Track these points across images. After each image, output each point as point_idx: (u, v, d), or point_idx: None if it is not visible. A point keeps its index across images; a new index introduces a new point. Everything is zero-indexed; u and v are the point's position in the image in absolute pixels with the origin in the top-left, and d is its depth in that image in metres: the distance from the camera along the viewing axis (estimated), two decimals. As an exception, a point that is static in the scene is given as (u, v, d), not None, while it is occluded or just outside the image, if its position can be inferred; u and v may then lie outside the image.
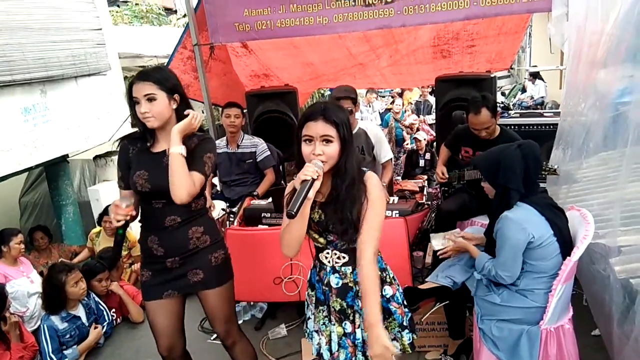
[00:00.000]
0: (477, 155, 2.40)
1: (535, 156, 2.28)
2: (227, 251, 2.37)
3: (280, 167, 4.53)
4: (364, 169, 1.80)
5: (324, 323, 1.93)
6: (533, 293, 2.22)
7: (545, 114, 4.15)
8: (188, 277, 2.22)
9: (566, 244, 2.21)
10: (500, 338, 2.25)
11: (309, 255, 3.16)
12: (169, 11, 12.92)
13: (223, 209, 3.80)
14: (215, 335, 3.56)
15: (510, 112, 4.78)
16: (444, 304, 2.75)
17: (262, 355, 3.19)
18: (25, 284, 3.81)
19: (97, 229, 4.62)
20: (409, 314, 1.94)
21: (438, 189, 4.62)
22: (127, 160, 2.20)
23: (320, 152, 1.65)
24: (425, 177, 5.78)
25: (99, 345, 3.51)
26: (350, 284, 1.84)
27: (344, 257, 1.83)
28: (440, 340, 2.99)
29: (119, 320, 3.78)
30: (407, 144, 7.87)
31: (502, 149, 2.30)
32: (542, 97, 10.52)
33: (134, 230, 4.07)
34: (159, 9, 12.06)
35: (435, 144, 6.01)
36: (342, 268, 1.84)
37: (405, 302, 1.94)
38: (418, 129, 7.71)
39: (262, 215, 3.40)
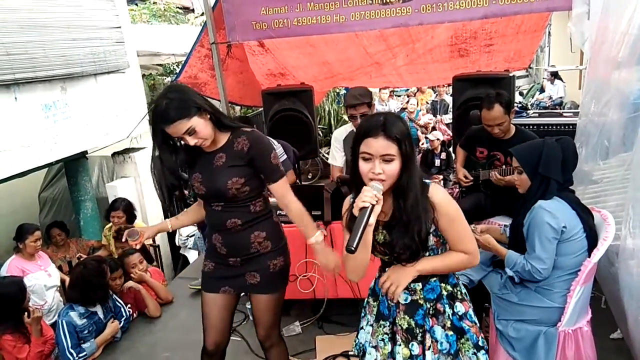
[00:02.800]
0: (516, 147, 2.40)
1: (574, 150, 2.31)
2: (288, 258, 2.34)
3: (296, 165, 4.54)
4: (426, 181, 1.67)
5: (382, 339, 1.78)
6: (552, 292, 2.20)
7: (564, 114, 4.10)
8: (245, 278, 2.24)
9: (593, 243, 2.19)
10: (517, 339, 2.23)
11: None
12: (187, 10, 13.00)
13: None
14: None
15: (528, 111, 4.72)
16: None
17: (276, 352, 3.20)
18: (43, 278, 3.88)
19: (110, 224, 4.70)
20: (482, 334, 1.79)
21: (455, 189, 4.60)
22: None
23: (380, 171, 1.53)
24: (441, 176, 5.75)
25: (116, 339, 3.55)
26: (420, 301, 1.73)
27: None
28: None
29: (135, 315, 3.83)
30: (422, 144, 7.84)
31: (543, 140, 2.31)
32: (561, 97, 10.38)
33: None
34: (177, 7, 12.15)
35: (452, 143, 5.97)
36: (412, 284, 1.71)
37: (476, 321, 1.79)
38: (434, 128, 7.67)
39: (278, 212, 3.40)
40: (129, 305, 3.77)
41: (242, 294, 2.39)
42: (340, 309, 3.36)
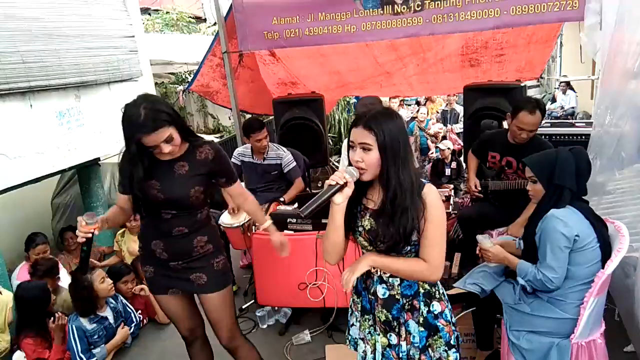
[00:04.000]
0: (528, 157, 2.40)
1: (587, 160, 2.29)
2: (225, 256, 2.42)
3: (306, 173, 4.55)
4: (423, 180, 1.71)
5: (369, 332, 1.89)
6: (564, 303, 2.18)
7: (576, 124, 4.08)
8: (191, 280, 2.28)
9: (607, 254, 2.17)
10: (529, 350, 2.21)
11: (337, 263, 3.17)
12: (199, 20, 13.15)
13: (249, 214, 3.85)
14: None
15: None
16: (471, 310, 2.72)
17: (285, 360, 3.20)
18: (55, 283, 3.91)
19: (122, 229, 4.71)
20: (457, 334, 1.85)
21: (466, 199, 4.57)
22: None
23: (358, 158, 1.62)
24: (452, 186, 5.71)
25: (127, 345, 3.56)
26: (397, 296, 1.79)
27: None
28: (467, 352, 2.94)
29: (145, 321, 3.84)
30: (432, 153, 7.81)
31: (557, 150, 2.31)
32: (573, 108, 10.32)
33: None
34: (190, 17, 12.29)
35: (462, 152, 5.95)
36: (390, 279, 1.79)
37: (454, 321, 1.84)
38: (444, 137, 7.65)
39: (288, 220, 3.42)
40: (140, 311, 3.79)
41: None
42: (350, 318, 3.35)
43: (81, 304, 3.36)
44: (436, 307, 1.80)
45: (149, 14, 11.85)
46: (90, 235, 2.01)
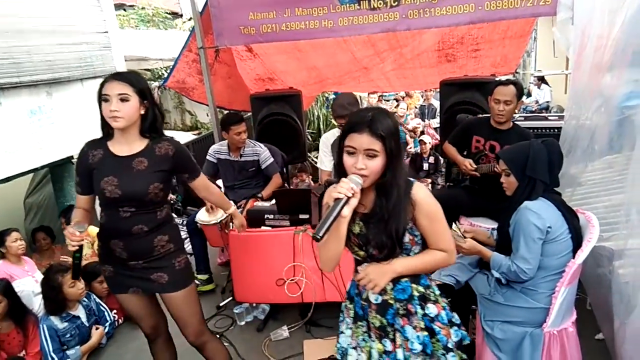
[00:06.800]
0: (502, 150, 2.46)
1: (559, 152, 2.33)
2: (187, 255, 2.40)
3: (284, 169, 4.53)
4: (411, 179, 1.68)
5: (364, 339, 1.82)
6: (537, 293, 2.21)
7: (549, 118, 4.14)
8: (152, 279, 2.24)
9: (578, 244, 2.21)
10: (503, 340, 2.24)
11: (312, 257, 3.17)
12: (175, 15, 12.99)
13: (226, 211, 3.81)
14: None
15: (514, 115, 4.76)
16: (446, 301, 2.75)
17: (264, 356, 3.18)
18: (31, 284, 3.81)
19: (96, 229, 4.63)
20: (459, 334, 1.80)
21: (444, 187, 4.61)
22: (87, 166, 2.16)
23: (362, 166, 1.54)
24: (429, 180, 5.77)
25: (102, 345, 3.51)
26: (390, 301, 1.74)
27: None
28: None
29: (120, 320, 3.78)
30: (410, 148, 7.88)
31: (529, 143, 2.34)
32: (548, 102, 10.50)
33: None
34: (165, 12, 12.13)
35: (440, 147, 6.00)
36: None
37: (453, 321, 1.81)
38: (422, 133, 7.71)
39: (265, 216, 3.40)
40: (115, 311, 3.73)
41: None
42: (328, 312, 3.34)
43: (49, 303, 3.30)
44: (431, 309, 1.76)
45: (124, 10, 11.66)
46: (82, 243, 2.06)
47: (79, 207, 2.26)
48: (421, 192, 1.65)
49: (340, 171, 1.63)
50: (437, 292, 1.82)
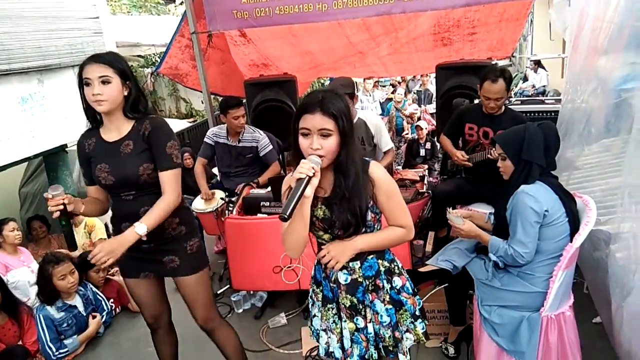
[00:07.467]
0: (498, 134, 2.44)
1: (555, 134, 2.30)
2: (201, 238, 2.37)
3: (280, 156, 4.50)
4: (366, 158, 1.73)
5: (334, 321, 1.86)
6: (534, 277, 2.21)
7: (546, 101, 4.11)
8: (164, 263, 2.22)
9: (575, 228, 2.20)
10: (500, 325, 2.24)
11: (309, 245, 3.15)
12: (168, 0, 12.83)
13: (222, 199, 3.79)
14: None
15: (511, 99, 4.73)
16: (443, 286, 2.75)
17: (262, 343, 3.19)
18: (26, 274, 3.80)
19: (94, 219, 4.61)
20: (421, 302, 1.90)
21: (439, 179, 4.60)
22: (85, 156, 2.14)
23: (318, 146, 1.57)
24: (426, 166, 5.75)
25: (99, 334, 3.50)
26: (359, 279, 1.78)
27: None
28: (440, 329, 2.98)
29: (118, 309, 3.78)
30: (406, 134, 7.84)
31: (525, 126, 2.31)
32: (544, 86, 10.44)
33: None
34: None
35: (436, 132, 5.97)
36: (350, 263, 1.77)
37: (415, 290, 1.90)
38: (419, 118, 7.68)
39: (261, 204, 3.38)
40: (112, 300, 3.73)
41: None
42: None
43: (42, 292, 3.29)
44: (397, 282, 1.84)
45: (116, -5, 11.49)
46: (62, 207, 1.98)
47: (89, 196, 2.24)
48: (379, 171, 1.70)
49: (297, 154, 1.66)
50: (400, 265, 1.90)
